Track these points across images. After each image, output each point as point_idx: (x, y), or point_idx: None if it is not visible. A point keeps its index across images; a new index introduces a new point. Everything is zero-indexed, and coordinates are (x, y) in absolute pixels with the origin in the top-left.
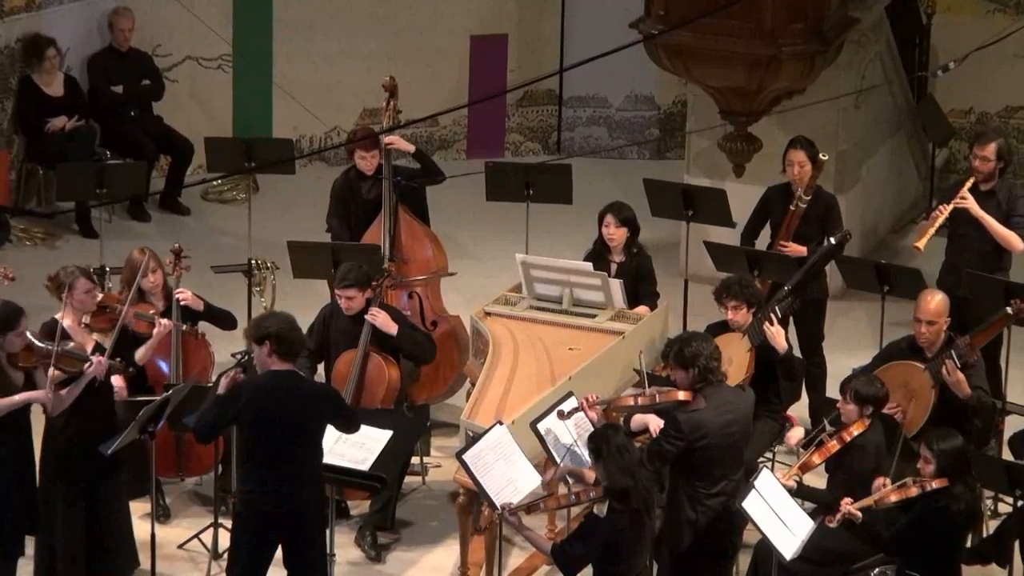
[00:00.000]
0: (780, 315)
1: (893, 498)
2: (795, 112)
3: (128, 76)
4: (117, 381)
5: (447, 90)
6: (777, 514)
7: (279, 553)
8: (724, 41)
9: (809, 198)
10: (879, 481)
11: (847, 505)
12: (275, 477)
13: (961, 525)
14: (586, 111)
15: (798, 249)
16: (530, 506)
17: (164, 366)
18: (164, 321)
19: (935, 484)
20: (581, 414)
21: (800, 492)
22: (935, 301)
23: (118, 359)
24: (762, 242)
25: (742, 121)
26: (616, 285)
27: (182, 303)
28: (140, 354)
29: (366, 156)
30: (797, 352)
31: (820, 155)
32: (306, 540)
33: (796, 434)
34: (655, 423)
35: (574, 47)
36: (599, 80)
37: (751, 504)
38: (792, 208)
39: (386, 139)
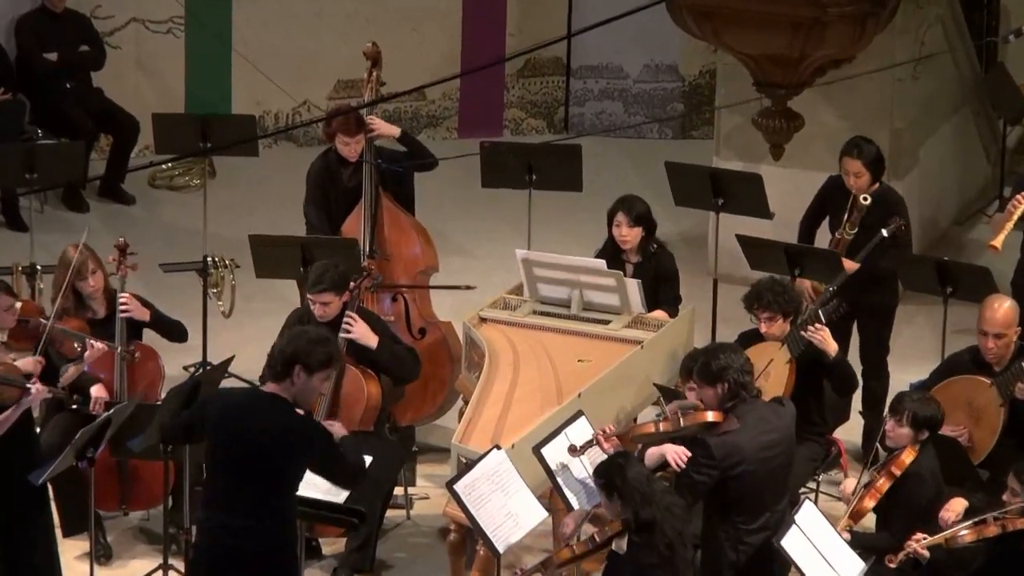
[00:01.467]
0: (824, 321)
1: (969, 538)
2: (843, 84)
3: (63, 41)
4: (98, 391)
5: (435, 58)
6: (822, 554)
7: None
8: (760, 1)
9: (856, 231)
10: (952, 511)
11: (914, 543)
12: (238, 510)
13: None
14: (598, 83)
15: (850, 266)
16: (545, 564)
17: None
18: (97, 344)
19: (1020, 524)
20: (596, 448)
21: (857, 542)
22: (1003, 310)
23: (61, 387)
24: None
25: (781, 94)
26: (633, 286)
27: (125, 315)
28: (66, 376)
29: (349, 142)
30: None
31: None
32: None
33: (850, 484)
34: (672, 452)
35: (584, 8)
36: (614, 47)
37: (791, 542)
38: (837, 236)
39: (366, 120)
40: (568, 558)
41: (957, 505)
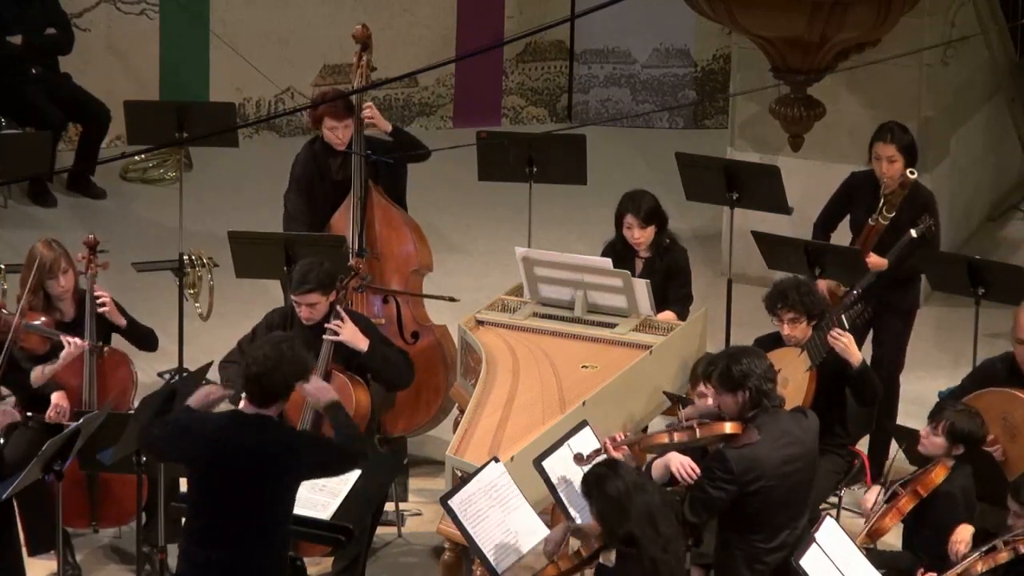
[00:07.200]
0: (847, 326)
1: (980, 568)
2: (867, 70)
3: (28, 23)
4: (59, 398)
5: (428, 41)
6: (844, 575)
7: None
8: None
9: (892, 215)
10: (960, 541)
11: None
12: (225, 543)
13: None
14: (604, 68)
15: (879, 262)
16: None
17: None
18: (76, 341)
19: None
20: (604, 457)
21: (876, 560)
22: None
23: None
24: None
25: (800, 81)
26: (642, 287)
27: (101, 310)
28: (37, 375)
29: (337, 126)
30: None
31: (909, 172)
32: None
33: (872, 496)
34: (677, 463)
35: None
36: (620, 29)
37: (811, 562)
38: (871, 223)
39: (364, 110)
40: (554, 575)
41: (964, 533)
